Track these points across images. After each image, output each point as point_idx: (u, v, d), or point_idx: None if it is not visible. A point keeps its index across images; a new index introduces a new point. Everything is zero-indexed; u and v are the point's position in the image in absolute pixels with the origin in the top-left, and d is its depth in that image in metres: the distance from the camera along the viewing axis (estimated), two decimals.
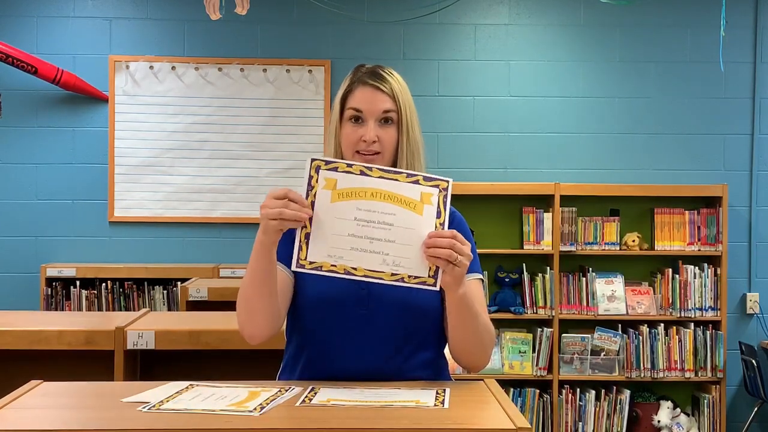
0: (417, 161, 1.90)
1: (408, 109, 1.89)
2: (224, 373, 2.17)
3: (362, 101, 1.87)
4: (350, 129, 1.88)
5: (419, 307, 1.87)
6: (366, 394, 1.69)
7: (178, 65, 5.29)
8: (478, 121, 5.36)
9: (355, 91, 1.89)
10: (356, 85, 1.89)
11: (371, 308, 1.87)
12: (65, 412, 1.61)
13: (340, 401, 1.63)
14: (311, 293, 1.90)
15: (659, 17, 5.36)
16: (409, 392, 1.71)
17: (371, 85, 1.88)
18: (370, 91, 1.88)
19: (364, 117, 1.87)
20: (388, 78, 1.90)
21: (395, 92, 1.88)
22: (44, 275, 5.06)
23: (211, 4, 3.74)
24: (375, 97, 1.87)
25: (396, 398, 1.65)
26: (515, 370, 5.01)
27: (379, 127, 1.87)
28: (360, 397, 1.65)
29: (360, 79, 1.90)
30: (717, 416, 5.02)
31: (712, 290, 5.07)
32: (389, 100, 1.88)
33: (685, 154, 5.36)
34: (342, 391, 1.71)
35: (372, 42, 5.33)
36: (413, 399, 1.64)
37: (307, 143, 5.27)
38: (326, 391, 1.72)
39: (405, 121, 1.88)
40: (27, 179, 5.27)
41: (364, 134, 1.86)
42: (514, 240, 5.22)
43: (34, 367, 2.38)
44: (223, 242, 5.31)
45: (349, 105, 1.89)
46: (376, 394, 1.68)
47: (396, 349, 1.88)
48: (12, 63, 4.97)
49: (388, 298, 1.86)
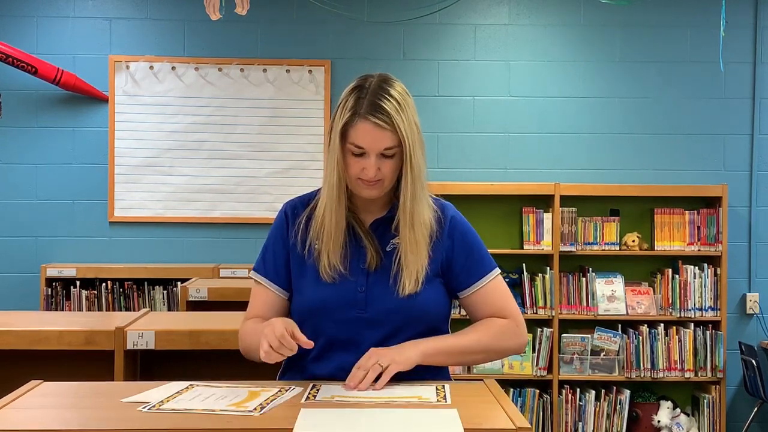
0: (418, 184, 1.90)
1: (410, 139, 1.86)
2: (224, 373, 2.16)
3: (364, 139, 1.85)
4: (353, 161, 1.87)
5: (417, 308, 1.88)
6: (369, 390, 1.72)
7: (178, 65, 5.29)
8: (478, 121, 5.36)
9: (356, 125, 1.84)
10: (357, 120, 1.84)
11: (369, 311, 1.88)
12: (65, 412, 1.61)
13: (344, 398, 1.66)
14: (310, 298, 1.92)
15: (659, 17, 5.36)
16: (410, 389, 1.74)
17: (372, 123, 1.84)
18: (371, 128, 1.84)
19: (365, 152, 1.86)
20: (389, 108, 1.84)
21: (396, 125, 1.84)
22: (44, 275, 5.06)
23: (211, 4, 3.74)
24: (376, 134, 1.84)
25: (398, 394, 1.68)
26: (515, 370, 5.01)
27: (380, 160, 1.87)
28: (365, 392, 1.70)
29: (361, 114, 1.84)
30: (717, 416, 5.02)
31: (712, 290, 5.07)
32: (390, 136, 1.85)
33: (685, 154, 5.36)
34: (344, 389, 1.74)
35: (372, 42, 5.33)
36: (415, 395, 1.68)
37: (307, 143, 5.27)
38: (328, 388, 1.75)
39: (407, 152, 1.86)
40: (27, 179, 5.27)
41: (365, 167, 1.86)
42: (514, 240, 5.22)
43: (34, 367, 2.38)
44: (223, 242, 5.31)
45: (350, 140, 1.86)
46: (377, 391, 1.71)
47: None
48: (12, 63, 4.97)
49: (386, 300, 1.88)
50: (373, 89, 1.86)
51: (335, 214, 1.90)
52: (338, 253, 1.90)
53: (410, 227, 1.89)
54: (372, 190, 1.90)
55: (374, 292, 1.88)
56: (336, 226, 1.90)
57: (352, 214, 1.96)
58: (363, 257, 1.92)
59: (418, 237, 1.90)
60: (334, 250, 1.90)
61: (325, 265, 1.90)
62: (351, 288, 1.89)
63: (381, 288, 1.89)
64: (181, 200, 5.29)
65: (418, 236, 1.90)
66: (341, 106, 1.88)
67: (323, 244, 1.90)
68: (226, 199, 5.30)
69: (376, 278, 1.90)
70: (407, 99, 1.88)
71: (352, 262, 1.91)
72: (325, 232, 1.91)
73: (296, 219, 1.98)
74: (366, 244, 1.93)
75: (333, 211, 1.90)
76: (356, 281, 1.90)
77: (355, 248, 1.93)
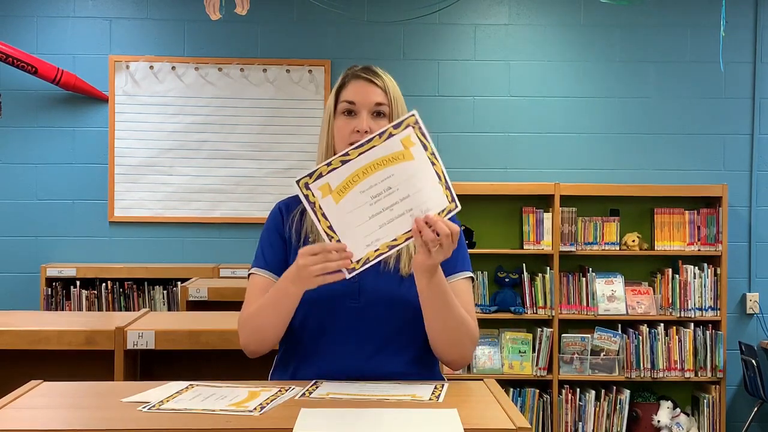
0: None
1: (399, 103, 1.95)
2: (224, 373, 2.16)
3: (355, 94, 1.93)
4: (343, 122, 1.93)
5: (410, 301, 1.88)
6: (366, 388, 1.73)
7: (178, 65, 5.29)
8: (478, 121, 5.36)
9: (349, 84, 1.96)
10: (349, 79, 1.97)
11: (362, 301, 1.89)
12: (65, 412, 1.61)
13: (338, 395, 1.67)
14: None
15: (659, 17, 5.36)
16: (407, 387, 1.74)
17: (364, 78, 1.94)
18: (363, 84, 1.94)
19: (356, 109, 1.92)
20: (380, 73, 1.97)
21: (387, 86, 1.95)
22: (44, 275, 5.06)
23: (211, 4, 3.74)
24: (368, 89, 1.93)
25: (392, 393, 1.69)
26: (515, 370, 5.01)
27: (371, 120, 1.91)
28: (360, 390, 1.71)
29: (353, 73, 1.97)
30: (717, 416, 5.02)
31: (712, 290, 5.07)
32: (381, 93, 1.94)
33: (685, 154, 5.36)
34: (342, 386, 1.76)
35: (372, 42, 5.33)
36: (409, 393, 1.69)
37: (307, 143, 5.27)
38: (326, 386, 1.77)
39: (396, 115, 1.92)
40: (27, 179, 5.27)
41: (357, 125, 1.90)
42: (514, 240, 5.22)
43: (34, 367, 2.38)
44: (223, 242, 5.31)
45: (342, 98, 1.94)
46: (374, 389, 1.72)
47: (386, 343, 1.90)
48: (12, 63, 4.98)
49: (380, 291, 1.89)
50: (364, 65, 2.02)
51: None
52: None
53: None
54: None
55: (367, 280, 1.88)
56: None
57: None
58: None
59: None
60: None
61: None
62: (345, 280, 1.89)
63: (373, 275, 1.88)
64: (181, 200, 5.29)
65: None
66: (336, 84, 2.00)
67: (317, 235, 1.90)
68: (226, 199, 5.30)
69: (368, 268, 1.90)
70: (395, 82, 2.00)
71: None
72: None
73: (290, 214, 1.99)
74: None
75: None
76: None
77: None
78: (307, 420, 1.47)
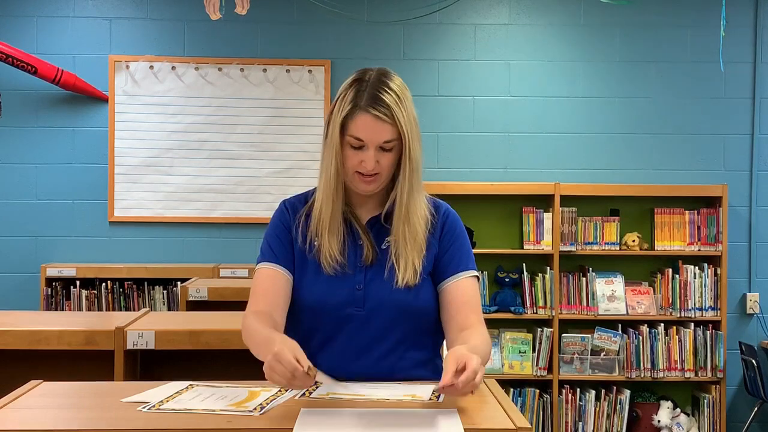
0: (416, 177, 1.90)
1: (409, 132, 1.85)
2: (224, 373, 2.17)
3: (364, 131, 1.84)
4: (351, 153, 1.87)
5: (415, 307, 1.88)
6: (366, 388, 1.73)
7: (178, 65, 5.29)
8: (478, 121, 5.36)
9: (356, 118, 1.84)
10: (357, 112, 1.84)
11: (367, 309, 1.89)
12: (65, 412, 1.61)
13: (338, 395, 1.67)
14: (308, 296, 1.91)
15: (659, 17, 5.36)
16: (408, 387, 1.74)
17: (373, 115, 1.83)
18: (371, 121, 1.83)
19: (365, 145, 1.85)
20: (388, 101, 1.84)
21: (396, 118, 1.84)
22: (44, 275, 5.06)
23: (211, 4, 3.74)
24: (376, 127, 1.84)
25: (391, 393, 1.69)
26: (515, 370, 5.01)
27: (379, 153, 1.86)
28: (360, 391, 1.71)
29: (361, 106, 1.84)
30: (717, 416, 5.02)
31: (712, 290, 5.07)
32: (389, 129, 1.84)
33: (685, 154, 5.36)
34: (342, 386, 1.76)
35: (372, 42, 5.32)
36: (409, 393, 1.68)
37: (307, 143, 5.27)
38: (326, 386, 1.77)
39: (407, 144, 1.86)
40: (27, 179, 5.27)
41: (364, 160, 1.85)
42: (514, 240, 5.22)
43: (34, 367, 2.38)
44: (223, 242, 5.31)
45: (349, 132, 1.85)
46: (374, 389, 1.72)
47: (391, 349, 1.90)
48: (12, 63, 4.97)
49: (385, 298, 1.88)
50: (372, 82, 1.86)
51: (332, 205, 1.90)
52: (336, 242, 1.90)
53: (405, 220, 1.89)
54: (369, 184, 1.89)
55: (371, 288, 1.88)
56: (332, 217, 1.90)
57: (349, 208, 1.96)
58: (360, 252, 1.92)
59: (412, 229, 1.89)
60: (331, 239, 1.89)
61: (326, 256, 1.89)
62: (349, 284, 1.89)
63: (377, 283, 1.88)
64: (181, 200, 5.29)
65: (414, 228, 1.90)
66: (340, 98, 1.87)
67: (322, 238, 1.90)
68: (226, 199, 5.30)
69: (373, 274, 1.90)
70: (406, 92, 1.88)
71: (349, 257, 1.91)
72: (322, 225, 1.91)
73: (296, 214, 1.98)
74: (363, 239, 1.93)
75: (330, 204, 1.90)
76: (354, 277, 1.90)
77: (352, 243, 1.93)
78: (307, 420, 1.47)
